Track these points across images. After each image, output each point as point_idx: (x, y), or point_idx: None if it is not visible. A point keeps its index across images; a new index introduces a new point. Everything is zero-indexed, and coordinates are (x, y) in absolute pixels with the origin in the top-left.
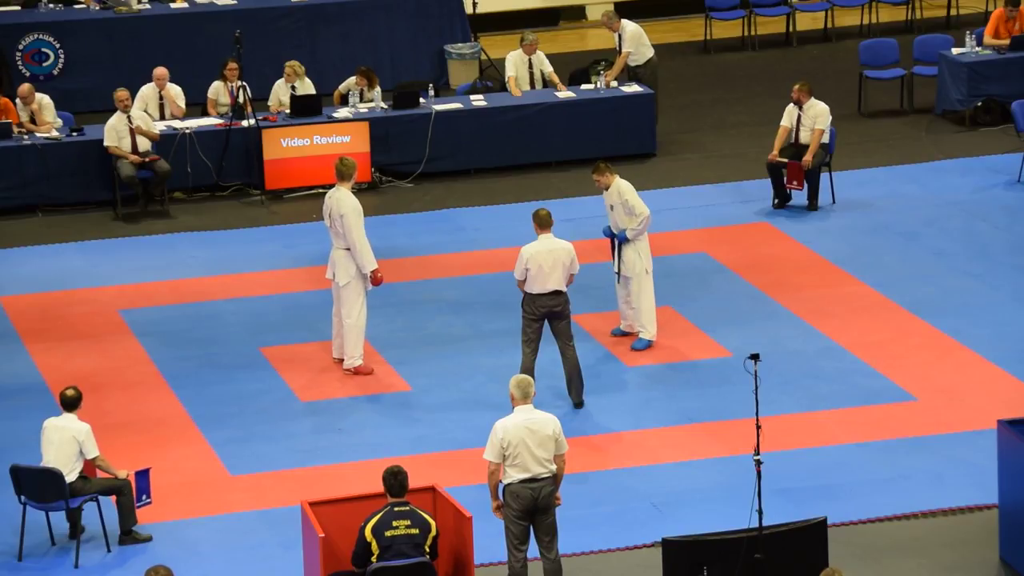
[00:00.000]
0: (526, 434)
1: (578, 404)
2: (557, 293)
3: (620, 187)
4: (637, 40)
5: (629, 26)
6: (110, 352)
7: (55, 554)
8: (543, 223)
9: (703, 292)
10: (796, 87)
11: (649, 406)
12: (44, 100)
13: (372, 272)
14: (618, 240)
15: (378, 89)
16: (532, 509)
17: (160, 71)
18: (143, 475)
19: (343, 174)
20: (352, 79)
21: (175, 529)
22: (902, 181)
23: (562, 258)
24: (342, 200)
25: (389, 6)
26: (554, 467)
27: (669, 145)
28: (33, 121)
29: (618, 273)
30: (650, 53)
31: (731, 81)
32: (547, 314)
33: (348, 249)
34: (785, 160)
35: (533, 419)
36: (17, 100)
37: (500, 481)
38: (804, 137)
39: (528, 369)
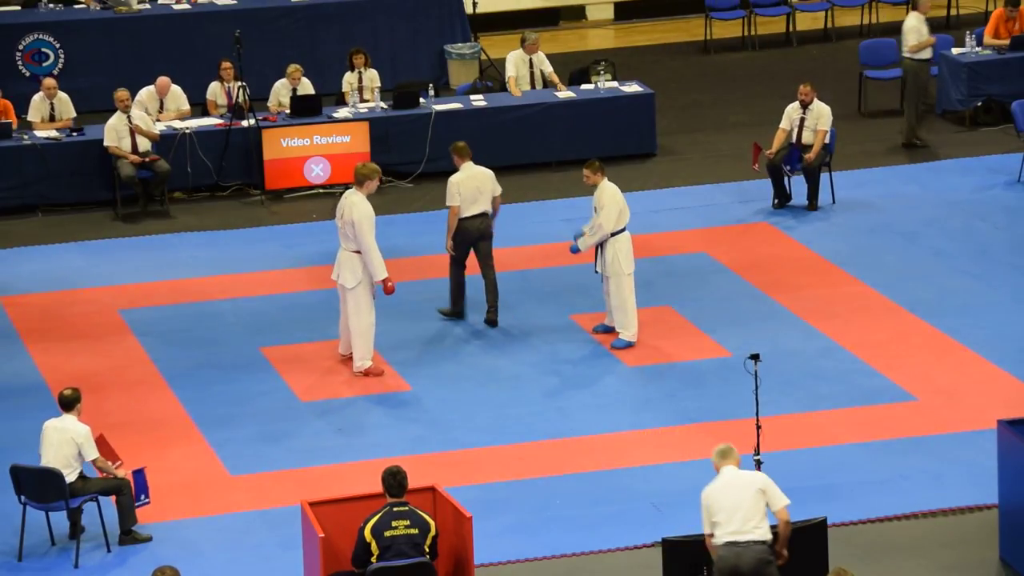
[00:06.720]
0: (731, 492)
1: (491, 321)
2: (484, 215)
3: (603, 194)
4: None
5: None
6: (110, 352)
7: (55, 554)
8: (462, 153)
9: (703, 292)
10: (806, 88)
11: (649, 406)
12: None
13: (383, 281)
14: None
15: (374, 71)
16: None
17: (163, 80)
18: (139, 474)
19: (357, 179)
20: (348, 75)
21: (175, 529)
22: (902, 181)
23: (485, 181)
24: (356, 205)
25: (389, 6)
26: (765, 528)
27: (669, 145)
28: (53, 118)
29: (598, 272)
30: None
31: (731, 81)
32: (477, 237)
33: (357, 252)
34: (781, 163)
35: (737, 477)
36: (35, 97)
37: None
38: (807, 138)
39: (459, 284)
